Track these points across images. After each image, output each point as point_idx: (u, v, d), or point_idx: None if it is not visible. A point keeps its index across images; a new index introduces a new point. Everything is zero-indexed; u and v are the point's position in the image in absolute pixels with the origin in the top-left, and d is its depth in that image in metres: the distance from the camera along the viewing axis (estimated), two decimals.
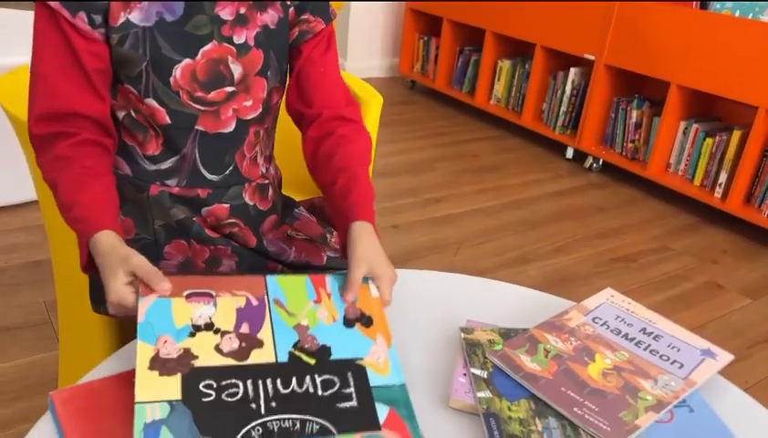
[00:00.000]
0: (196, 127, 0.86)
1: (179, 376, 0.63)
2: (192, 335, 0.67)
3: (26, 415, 1.36)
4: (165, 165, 0.88)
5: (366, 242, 0.78)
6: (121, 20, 0.78)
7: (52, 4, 0.76)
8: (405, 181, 2.75)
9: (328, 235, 1.03)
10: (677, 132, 2.77)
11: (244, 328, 0.69)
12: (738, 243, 2.49)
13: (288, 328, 0.71)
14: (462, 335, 0.79)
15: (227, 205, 0.92)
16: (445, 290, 0.92)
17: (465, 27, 3.67)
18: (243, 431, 0.60)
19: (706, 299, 2.09)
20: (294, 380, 0.66)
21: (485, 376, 0.74)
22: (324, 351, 0.69)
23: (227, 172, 0.91)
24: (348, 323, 0.73)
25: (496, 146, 3.29)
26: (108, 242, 0.72)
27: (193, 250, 0.91)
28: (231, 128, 0.88)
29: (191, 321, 0.68)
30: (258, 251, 0.95)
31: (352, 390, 0.66)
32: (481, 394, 0.71)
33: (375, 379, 0.68)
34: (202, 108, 0.85)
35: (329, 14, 0.92)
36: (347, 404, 0.65)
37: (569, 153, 3.18)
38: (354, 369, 0.68)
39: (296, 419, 0.62)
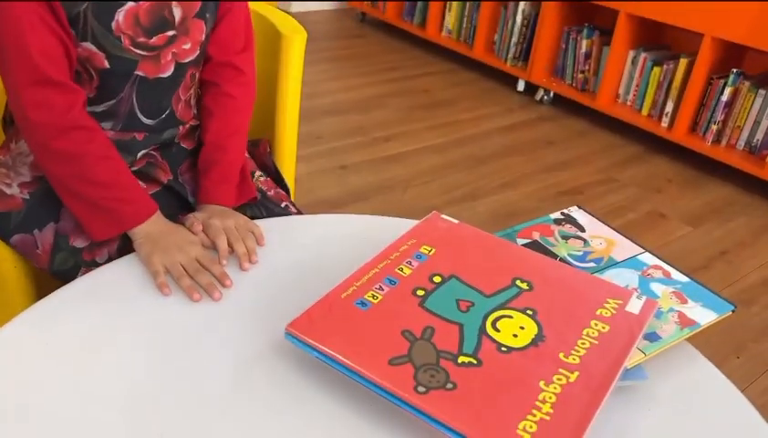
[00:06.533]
0: (136, 72, 0.84)
1: None
2: None
3: None
4: (100, 109, 0.85)
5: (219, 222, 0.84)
6: None
7: None
8: (354, 119, 2.69)
9: (257, 173, 1.01)
10: (626, 62, 2.75)
11: None
12: (683, 172, 2.53)
13: None
14: None
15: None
16: (380, 233, 0.89)
17: None
18: None
19: (649, 229, 2.13)
20: None
21: None
22: None
23: (164, 115, 0.90)
24: None
25: (448, 80, 3.23)
26: (166, 222, 0.83)
27: None
28: (170, 72, 0.86)
29: None
30: (171, 188, 0.92)
31: None
32: None
33: None
34: (144, 53, 0.83)
35: None
36: None
37: (521, 86, 3.14)
38: None
39: None
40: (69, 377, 0.62)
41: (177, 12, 0.84)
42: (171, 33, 0.84)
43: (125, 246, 0.85)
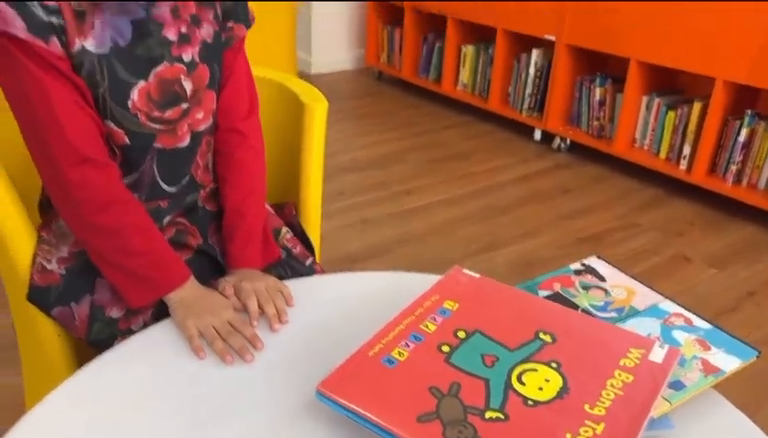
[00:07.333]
0: (155, 145, 0.89)
1: None
2: None
3: None
4: (125, 182, 0.90)
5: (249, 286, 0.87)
6: (77, 47, 0.78)
7: (22, 36, 0.74)
8: (374, 174, 2.75)
9: (283, 229, 1.05)
10: (640, 107, 2.79)
11: None
12: (704, 213, 2.53)
13: None
14: None
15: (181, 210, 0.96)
16: (404, 289, 0.92)
17: (427, 15, 3.66)
18: None
19: (674, 273, 2.12)
20: None
21: None
22: None
23: (184, 182, 0.94)
24: None
25: (465, 133, 3.29)
26: (199, 287, 0.87)
27: None
28: (186, 142, 0.91)
29: None
30: (204, 251, 0.96)
31: None
32: None
33: None
34: (160, 127, 0.88)
35: (249, 19, 0.95)
36: None
37: (537, 135, 3.19)
38: None
39: None
40: None
41: (188, 85, 0.88)
42: (184, 106, 0.89)
43: (160, 312, 0.88)
